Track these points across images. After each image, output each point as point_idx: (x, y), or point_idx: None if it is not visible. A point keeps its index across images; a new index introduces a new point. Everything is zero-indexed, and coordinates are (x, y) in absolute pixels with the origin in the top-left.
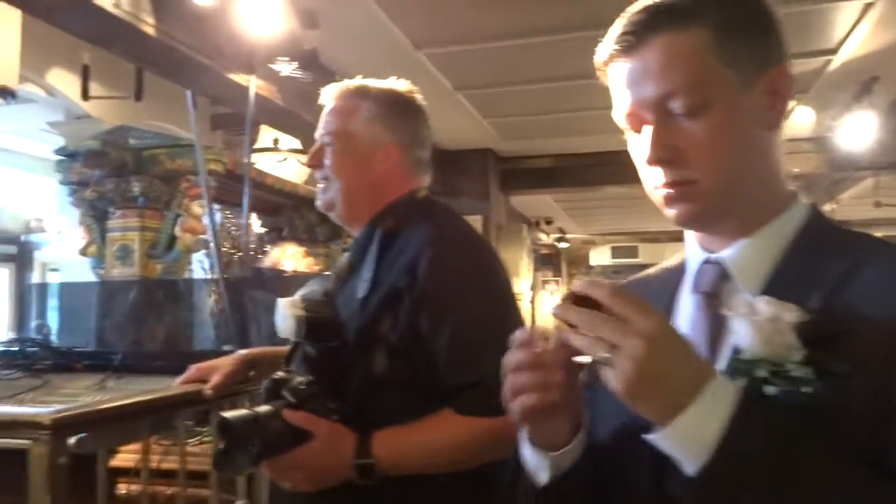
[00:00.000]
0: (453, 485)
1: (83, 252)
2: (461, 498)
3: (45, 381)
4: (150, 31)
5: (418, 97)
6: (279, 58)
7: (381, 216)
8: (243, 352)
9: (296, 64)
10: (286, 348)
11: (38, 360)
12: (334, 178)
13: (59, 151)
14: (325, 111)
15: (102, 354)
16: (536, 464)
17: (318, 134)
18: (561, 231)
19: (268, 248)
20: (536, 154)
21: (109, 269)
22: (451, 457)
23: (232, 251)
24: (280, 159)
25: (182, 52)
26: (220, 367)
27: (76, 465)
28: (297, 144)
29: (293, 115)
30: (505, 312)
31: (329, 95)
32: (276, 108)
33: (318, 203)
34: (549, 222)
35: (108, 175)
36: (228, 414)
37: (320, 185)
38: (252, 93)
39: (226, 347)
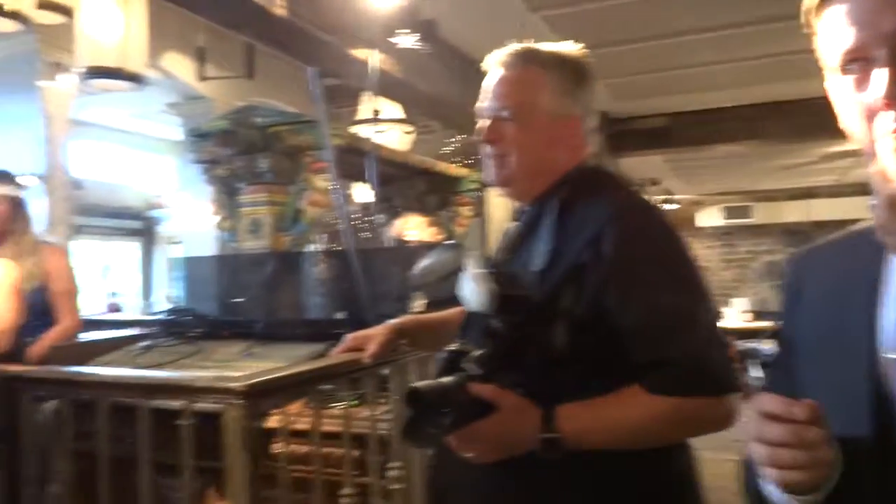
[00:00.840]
0: (633, 464)
1: (218, 227)
2: (639, 478)
3: (198, 348)
4: (280, 12)
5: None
6: (398, 30)
7: (557, 187)
8: (395, 321)
9: (416, 36)
10: (432, 316)
11: (190, 328)
12: (514, 152)
13: (191, 132)
14: (495, 81)
15: (244, 323)
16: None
17: (487, 106)
18: (668, 192)
19: (382, 217)
20: (650, 114)
21: (242, 242)
22: (637, 435)
23: (351, 223)
24: (380, 130)
25: (309, 31)
26: (374, 337)
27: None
28: (399, 114)
29: (410, 86)
30: (696, 288)
31: (498, 63)
32: (393, 80)
33: (490, 179)
34: (655, 183)
35: (238, 153)
36: (420, 384)
37: (491, 161)
38: (373, 67)
39: (338, 315)
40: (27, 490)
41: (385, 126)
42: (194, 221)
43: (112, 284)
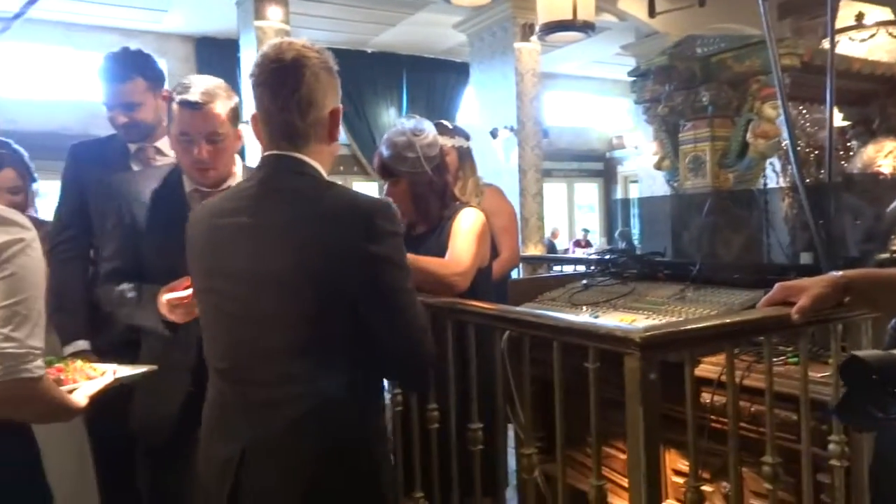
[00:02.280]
0: None
1: (658, 166)
2: None
3: (631, 288)
4: None
5: None
6: None
7: None
8: (838, 273)
9: None
10: (890, 272)
11: (626, 269)
12: None
13: (632, 73)
14: None
15: (681, 265)
16: None
17: None
18: None
19: (853, 144)
20: None
21: (683, 181)
22: None
23: (809, 151)
24: (865, 37)
25: None
26: (808, 288)
27: (666, 372)
28: (889, 15)
29: None
30: None
31: None
32: None
33: None
34: None
35: (678, 88)
36: (865, 353)
37: None
38: None
39: (803, 260)
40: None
41: (871, 31)
42: (646, 160)
43: (583, 222)
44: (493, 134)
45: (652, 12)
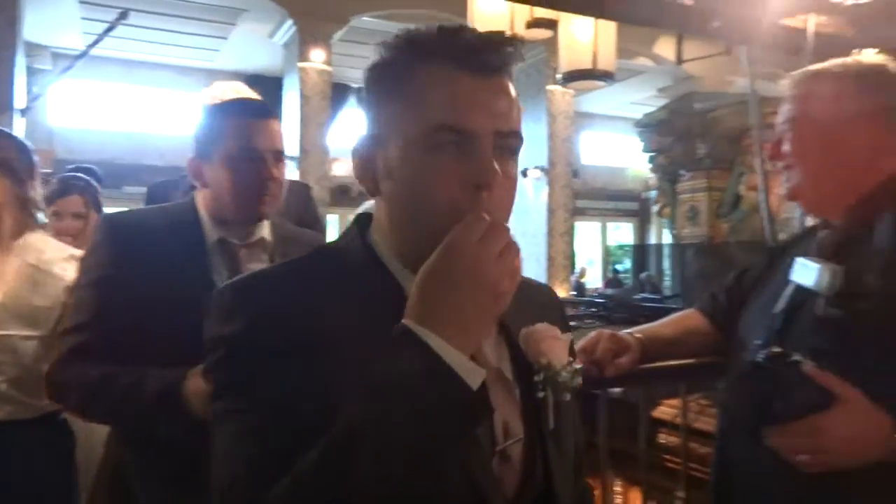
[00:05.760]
0: None
1: (659, 214)
2: None
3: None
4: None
5: None
6: None
7: None
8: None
9: None
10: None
11: (613, 312)
12: None
13: (637, 124)
14: None
15: (663, 309)
16: None
17: None
18: None
19: None
20: None
21: (680, 229)
22: None
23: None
24: None
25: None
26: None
27: (624, 411)
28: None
29: (870, 43)
30: None
31: None
32: (844, 41)
33: None
34: None
35: (676, 140)
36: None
37: None
38: (811, 31)
39: None
40: None
41: None
42: None
43: (613, 262)
44: (524, 173)
45: (679, 59)
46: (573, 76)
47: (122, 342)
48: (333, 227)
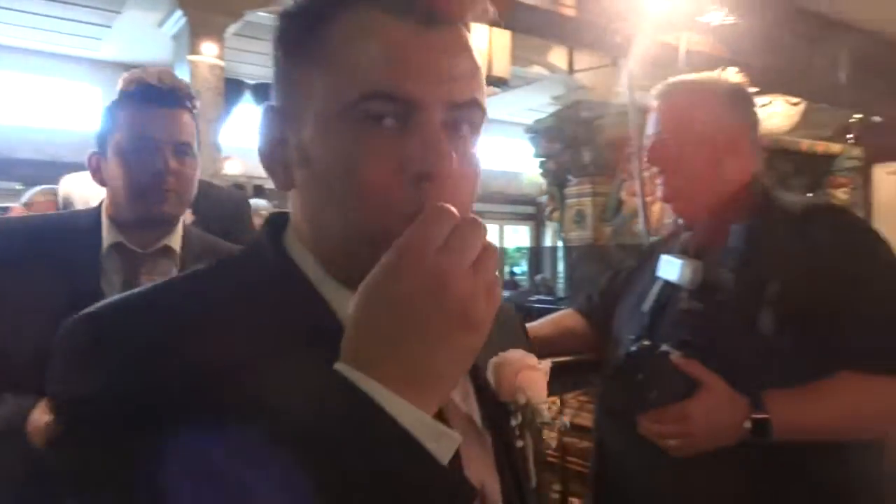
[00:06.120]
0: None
1: (548, 217)
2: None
3: None
4: (570, 13)
5: None
6: (709, 7)
7: None
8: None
9: (725, 10)
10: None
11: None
12: None
13: (528, 129)
14: None
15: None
16: None
17: None
18: None
19: None
20: None
21: (568, 232)
22: (850, 420)
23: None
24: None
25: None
26: None
27: None
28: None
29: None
30: None
31: None
32: (714, 59)
33: None
34: None
35: (565, 147)
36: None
37: None
38: (683, 50)
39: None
40: None
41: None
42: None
43: (511, 264)
44: None
45: (570, 68)
46: None
47: None
48: None
